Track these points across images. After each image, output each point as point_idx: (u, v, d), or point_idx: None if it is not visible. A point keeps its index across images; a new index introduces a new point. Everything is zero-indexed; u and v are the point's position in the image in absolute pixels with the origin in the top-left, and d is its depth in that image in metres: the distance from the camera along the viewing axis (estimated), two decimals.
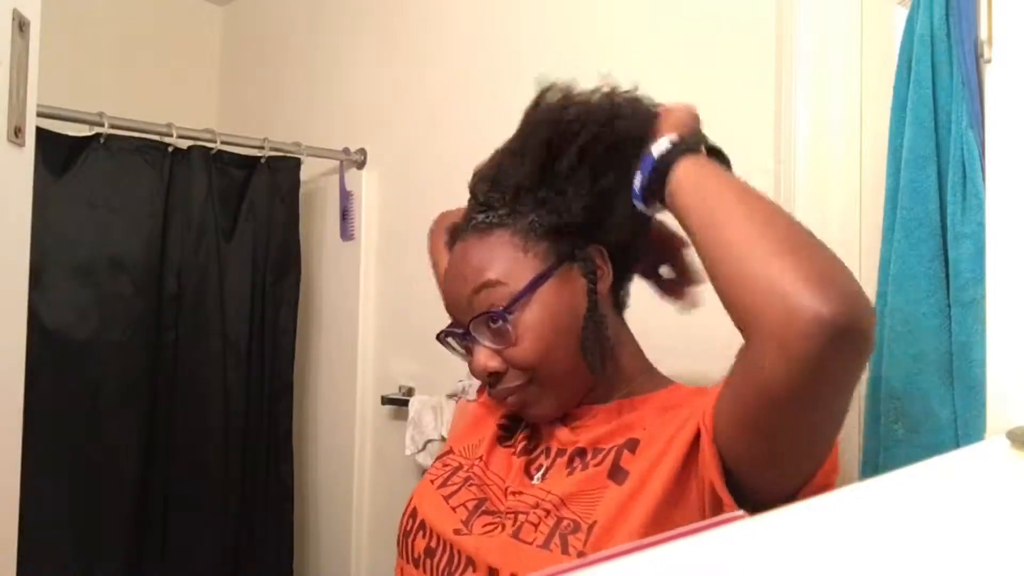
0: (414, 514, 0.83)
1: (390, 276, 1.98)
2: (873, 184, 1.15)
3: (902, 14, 1.05)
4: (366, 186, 2.01)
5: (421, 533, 0.80)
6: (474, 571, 0.73)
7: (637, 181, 0.75)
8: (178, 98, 2.46)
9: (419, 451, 1.72)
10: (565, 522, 0.71)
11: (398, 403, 1.86)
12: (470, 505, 0.79)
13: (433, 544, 0.78)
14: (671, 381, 0.86)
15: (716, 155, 0.75)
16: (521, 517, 0.74)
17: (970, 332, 0.89)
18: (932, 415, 0.93)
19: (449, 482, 0.84)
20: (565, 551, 0.69)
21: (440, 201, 1.08)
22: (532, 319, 0.78)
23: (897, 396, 0.97)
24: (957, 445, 0.90)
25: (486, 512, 0.78)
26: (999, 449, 0.40)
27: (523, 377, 0.80)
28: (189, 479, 1.81)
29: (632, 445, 0.75)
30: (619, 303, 0.88)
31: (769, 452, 0.65)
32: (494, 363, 0.80)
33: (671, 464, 0.70)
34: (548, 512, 0.73)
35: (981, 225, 0.86)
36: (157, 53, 2.47)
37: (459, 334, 0.83)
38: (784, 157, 1.23)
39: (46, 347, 1.59)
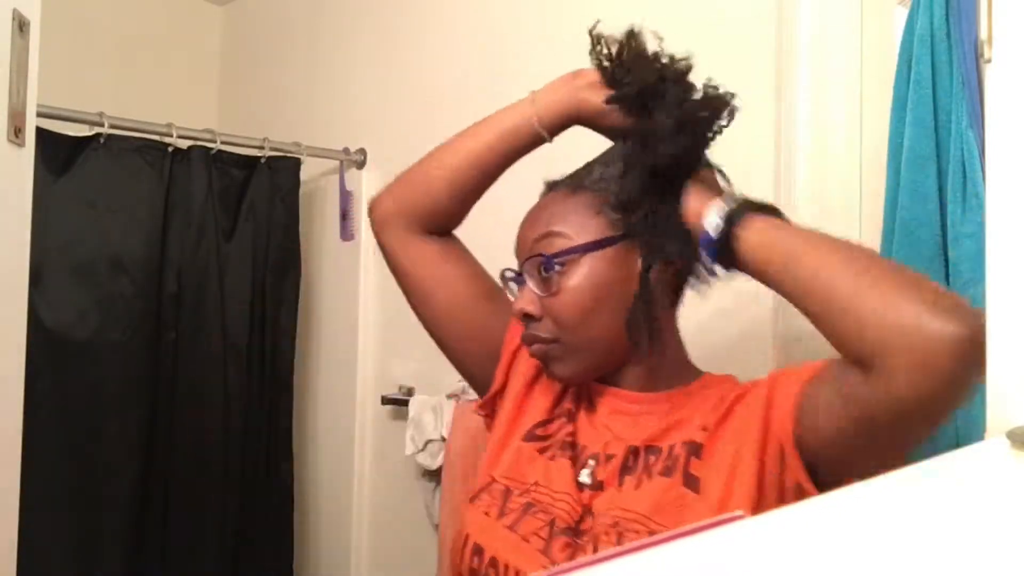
0: (479, 552, 0.79)
1: (390, 276, 1.97)
2: (873, 184, 1.15)
3: (902, 14, 1.05)
4: (366, 186, 2.00)
5: (493, 570, 0.77)
6: None
7: (704, 258, 0.76)
8: (178, 98, 2.46)
9: (419, 451, 1.72)
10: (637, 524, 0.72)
11: (398, 403, 1.86)
12: (543, 533, 0.76)
13: None
14: (699, 370, 0.87)
15: (760, 207, 0.76)
16: (606, 537, 0.73)
17: None
18: None
19: (507, 510, 0.81)
20: None
21: None
22: (578, 278, 0.79)
23: None
24: (957, 445, 0.90)
25: (560, 532, 0.76)
26: (999, 449, 0.40)
27: (554, 331, 0.81)
28: (189, 479, 1.81)
29: (696, 450, 0.75)
30: (676, 298, 0.87)
31: (877, 455, 0.68)
32: (532, 307, 0.81)
33: (749, 471, 0.72)
34: (638, 532, 0.72)
35: (981, 225, 0.86)
36: (157, 53, 2.47)
37: (514, 275, 0.85)
38: (784, 157, 1.23)
39: (46, 347, 1.59)
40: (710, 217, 0.75)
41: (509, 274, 0.87)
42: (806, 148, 1.20)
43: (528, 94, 0.91)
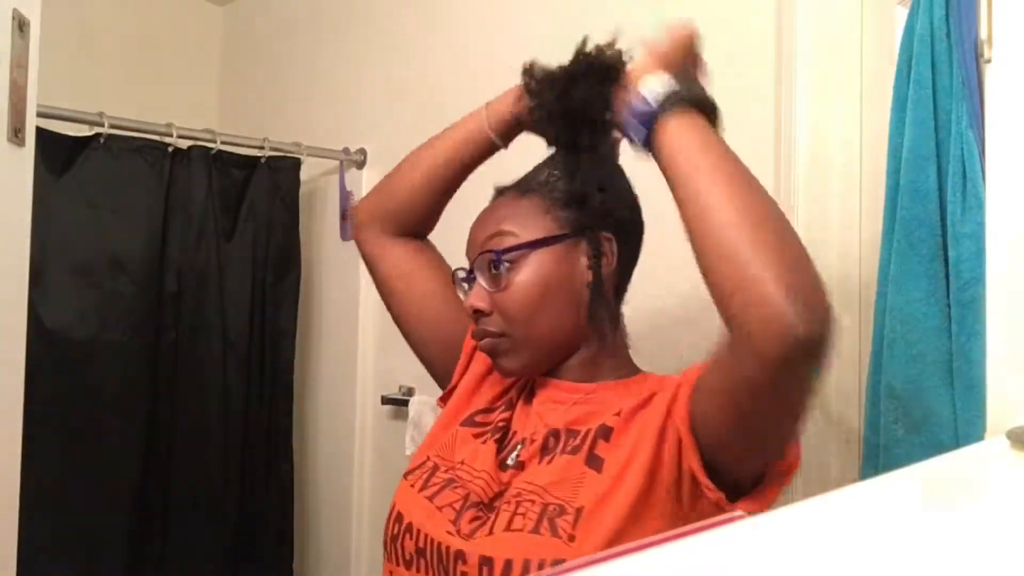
0: (399, 518, 0.85)
1: None
2: (873, 184, 1.15)
3: (902, 14, 1.05)
4: (366, 186, 2.00)
5: (409, 535, 0.83)
6: (464, 564, 0.75)
7: (629, 126, 0.78)
8: (178, 98, 2.46)
9: None
10: (551, 506, 0.75)
11: (398, 403, 1.86)
12: (457, 505, 0.82)
13: (422, 544, 0.81)
14: (640, 370, 0.90)
15: (703, 105, 0.77)
16: (507, 507, 0.77)
17: (970, 332, 0.89)
18: (932, 415, 0.93)
19: (430, 483, 0.87)
20: (555, 534, 0.72)
21: None
22: (526, 274, 0.83)
23: (897, 396, 0.97)
24: (957, 445, 0.90)
25: (472, 506, 0.80)
26: (999, 449, 0.40)
27: (502, 326, 0.84)
28: (189, 479, 1.81)
29: (606, 433, 0.79)
30: (619, 292, 0.90)
31: (742, 432, 0.71)
32: (481, 303, 0.85)
33: (646, 455, 0.74)
34: (533, 501, 0.76)
35: (981, 225, 0.86)
36: (157, 53, 2.47)
37: (465, 274, 0.89)
38: (784, 157, 1.23)
39: (46, 347, 1.59)
40: (650, 85, 0.76)
41: (461, 274, 0.90)
42: (806, 148, 1.20)
43: (483, 105, 0.96)
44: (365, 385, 1.99)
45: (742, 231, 0.65)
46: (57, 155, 1.66)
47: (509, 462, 0.83)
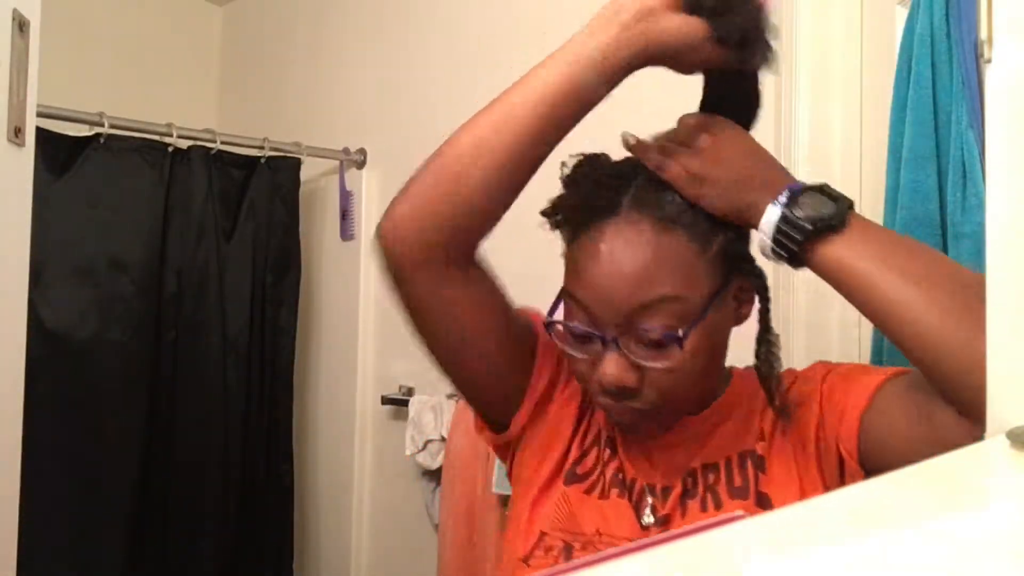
0: None
1: None
2: (873, 184, 1.15)
3: (902, 14, 1.05)
4: (366, 186, 2.00)
5: None
6: None
7: (766, 243, 0.67)
8: (178, 98, 2.46)
9: (419, 451, 1.72)
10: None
11: (398, 403, 1.86)
12: None
13: None
14: (730, 368, 0.80)
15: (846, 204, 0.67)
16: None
17: None
18: None
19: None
20: None
21: None
22: (699, 344, 0.68)
23: None
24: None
25: None
26: (999, 449, 0.40)
27: (656, 402, 0.69)
28: (189, 479, 1.81)
29: (759, 463, 0.71)
30: None
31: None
32: (632, 378, 0.68)
33: (814, 489, 0.68)
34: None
35: (981, 225, 0.86)
36: (157, 53, 2.47)
37: (595, 336, 0.68)
38: (784, 157, 1.23)
39: (46, 347, 1.59)
40: (769, 217, 0.66)
41: (588, 335, 0.69)
42: (806, 148, 1.20)
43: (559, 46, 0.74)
44: (365, 385, 1.99)
45: (958, 327, 0.58)
46: (57, 155, 1.66)
47: (647, 519, 0.73)
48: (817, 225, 0.64)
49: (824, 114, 1.20)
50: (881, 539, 0.30)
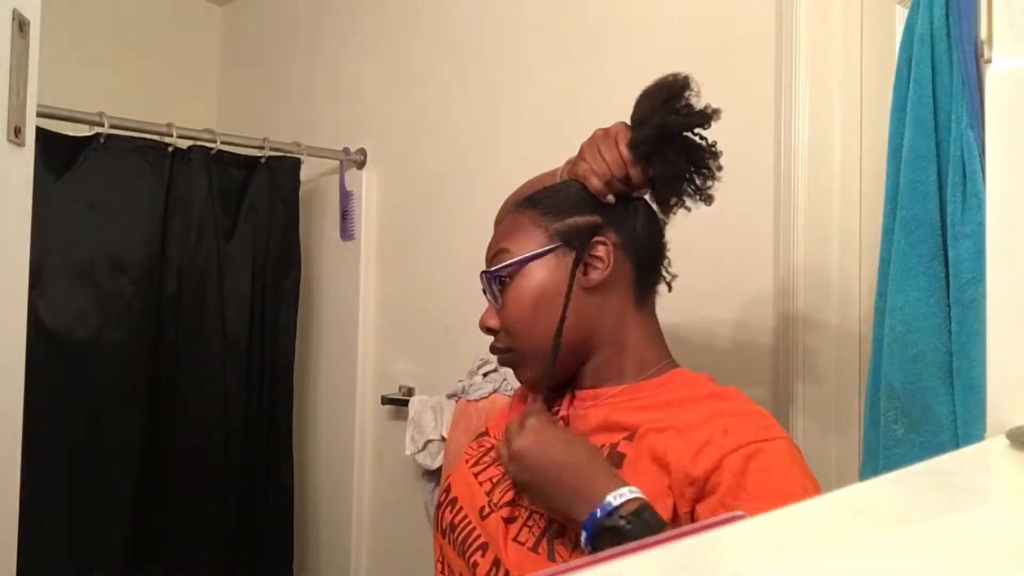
0: (448, 489, 0.89)
1: (390, 276, 1.98)
2: (873, 184, 1.15)
3: (902, 14, 1.05)
4: (366, 186, 2.01)
5: (450, 508, 0.87)
6: (481, 556, 0.78)
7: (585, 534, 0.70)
8: (178, 98, 2.46)
9: (419, 451, 1.72)
10: (555, 525, 0.75)
11: (398, 403, 1.86)
12: (495, 480, 0.84)
13: (457, 520, 0.84)
14: (675, 365, 0.88)
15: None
16: (523, 514, 0.79)
17: (970, 332, 0.89)
18: (932, 415, 0.93)
19: (480, 461, 0.90)
20: (551, 558, 0.73)
21: (440, 201, 1.08)
22: (518, 289, 0.85)
23: (897, 396, 0.97)
24: (957, 445, 0.90)
25: (509, 488, 0.82)
26: (999, 449, 0.40)
27: (506, 341, 0.87)
28: (189, 479, 1.81)
29: (618, 460, 0.77)
30: (641, 294, 0.88)
31: None
32: (492, 321, 0.88)
33: (655, 498, 0.70)
34: (542, 514, 0.77)
35: (981, 225, 0.86)
36: (157, 53, 2.47)
37: (483, 290, 0.90)
38: (784, 157, 1.23)
39: (46, 347, 1.59)
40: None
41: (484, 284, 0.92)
42: (806, 148, 1.20)
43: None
44: (365, 385, 1.99)
45: None
46: (57, 155, 1.66)
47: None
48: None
49: (824, 114, 1.20)
50: (881, 539, 0.30)
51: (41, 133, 1.19)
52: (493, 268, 0.87)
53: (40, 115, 0.98)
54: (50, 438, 1.60)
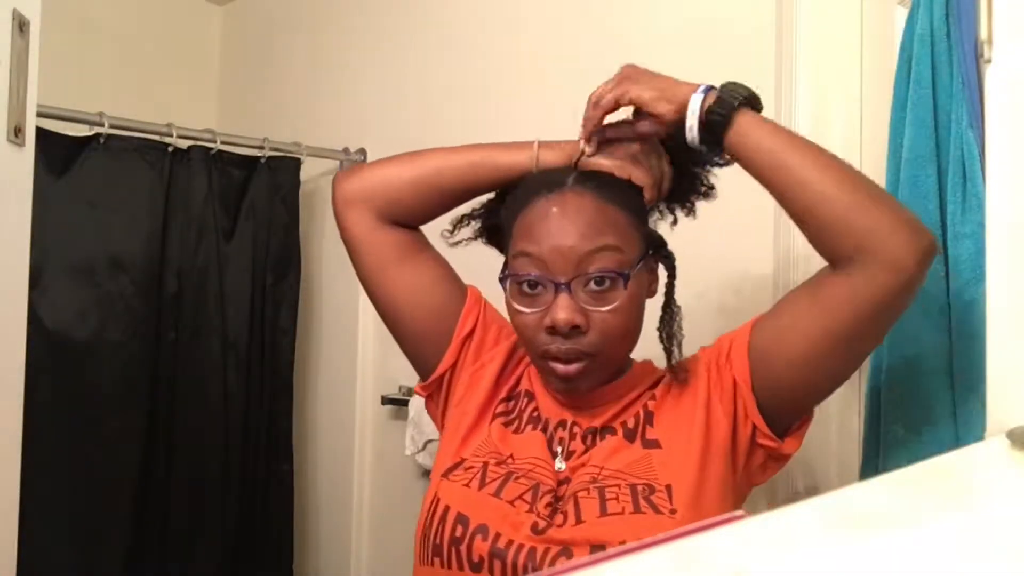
0: (464, 521, 0.82)
1: None
2: None
3: (902, 14, 1.06)
4: None
5: (481, 537, 0.79)
6: (568, 557, 0.75)
7: (694, 128, 0.81)
8: (178, 98, 2.46)
9: (419, 451, 1.72)
10: (640, 486, 0.78)
11: (398, 403, 1.86)
12: (528, 497, 0.81)
13: (502, 545, 0.78)
14: (632, 360, 0.93)
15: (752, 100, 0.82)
16: (586, 494, 0.79)
17: (970, 332, 0.89)
18: (932, 415, 0.93)
19: (487, 479, 0.84)
20: (657, 511, 0.76)
21: None
22: (631, 292, 0.82)
23: (897, 396, 0.97)
24: (957, 445, 0.90)
25: (545, 494, 0.81)
26: (999, 449, 0.40)
27: (597, 346, 0.81)
28: (189, 479, 1.81)
29: (649, 417, 0.84)
30: None
31: (831, 360, 0.80)
32: (580, 318, 0.80)
33: (698, 425, 0.82)
34: (619, 484, 0.79)
35: (981, 225, 0.86)
36: (157, 53, 2.47)
37: (548, 281, 0.81)
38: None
39: (46, 347, 1.59)
40: (695, 105, 0.81)
41: (521, 277, 0.83)
42: None
43: (533, 142, 0.93)
44: (365, 385, 1.99)
45: (847, 190, 0.75)
46: (57, 155, 1.66)
47: (558, 450, 0.86)
48: (742, 100, 0.80)
49: (824, 114, 1.20)
50: (881, 539, 0.30)
51: (41, 133, 1.19)
52: (622, 268, 0.81)
53: (40, 115, 0.98)
54: (50, 438, 1.60)
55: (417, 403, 1.75)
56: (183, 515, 1.80)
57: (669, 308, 0.89)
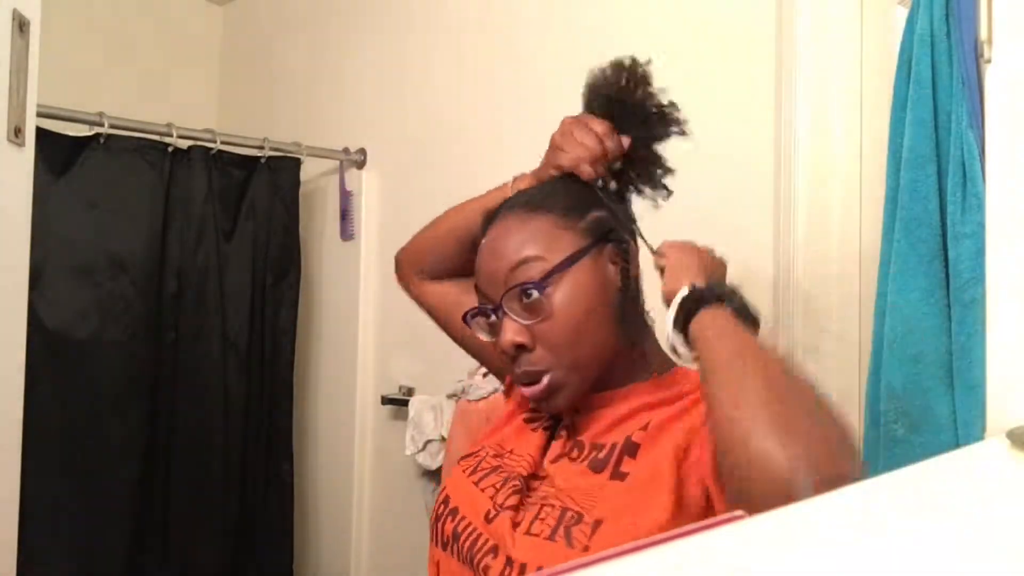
0: (446, 500, 0.86)
1: (390, 276, 1.97)
2: (873, 184, 1.15)
3: (902, 14, 1.05)
4: (366, 186, 2.01)
5: (451, 517, 0.84)
6: (494, 558, 0.76)
7: (669, 322, 0.77)
8: (178, 98, 2.46)
9: (419, 451, 1.72)
10: (570, 514, 0.74)
11: (398, 403, 1.86)
12: (497, 485, 0.82)
13: (460, 528, 0.82)
14: (673, 364, 0.86)
15: (742, 311, 0.75)
16: (533, 507, 0.77)
17: (970, 332, 0.89)
18: (932, 415, 0.93)
19: (479, 468, 0.87)
20: (570, 544, 0.71)
21: (440, 200, 1.09)
22: (565, 295, 0.79)
23: (897, 396, 0.97)
24: (957, 445, 0.90)
25: (512, 480, 0.81)
26: (999, 449, 0.40)
27: (548, 360, 0.79)
28: (189, 479, 1.81)
29: (632, 449, 0.77)
30: (638, 290, 0.88)
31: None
32: (522, 337, 0.79)
33: (670, 477, 0.72)
34: (553, 506, 0.76)
35: (981, 225, 0.86)
36: (157, 53, 2.47)
37: (489, 310, 0.83)
38: (784, 157, 1.23)
39: (46, 347, 1.59)
40: (682, 290, 0.78)
41: (475, 311, 0.85)
42: (806, 148, 1.20)
43: (506, 184, 0.96)
44: (365, 385, 1.99)
45: (743, 415, 0.63)
46: (57, 155, 1.66)
47: (555, 450, 0.84)
48: (705, 295, 0.75)
49: (824, 114, 1.20)
50: (881, 539, 0.30)
51: (41, 133, 1.19)
52: (542, 276, 0.78)
53: (40, 115, 0.98)
54: (50, 438, 1.60)
55: (417, 403, 1.75)
56: (183, 514, 1.80)
57: (626, 292, 0.82)
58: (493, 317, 0.83)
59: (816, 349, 1.20)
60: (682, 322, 0.75)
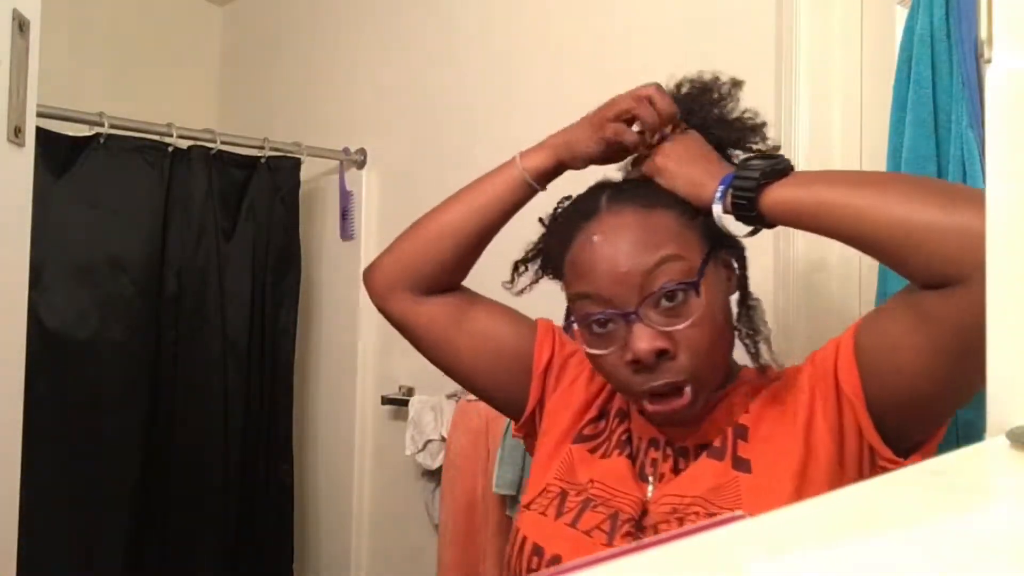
0: (539, 552, 0.77)
1: None
2: None
3: (902, 14, 1.06)
4: (366, 186, 2.01)
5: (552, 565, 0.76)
6: None
7: (720, 209, 0.74)
8: (178, 98, 2.46)
9: (419, 451, 1.72)
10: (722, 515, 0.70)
11: (398, 403, 1.86)
12: (606, 527, 0.75)
13: None
14: (740, 365, 0.85)
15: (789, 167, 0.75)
16: (667, 525, 0.72)
17: None
18: None
19: (565, 509, 0.79)
20: None
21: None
22: (706, 297, 0.73)
23: None
24: (957, 445, 0.90)
25: (624, 524, 0.74)
26: (999, 449, 0.40)
27: (688, 367, 0.73)
28: (189, 479, 1.81)
29: (742, 432, 0.75)
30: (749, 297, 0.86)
31: (947, 388, 0.68)
32: (664, 343, 0.72)
33: (796, 445, 0.72)
34: (698, 513, 0.72)
35: None
36: (157, 53, 2.47)
37: (617, 316, 0.73)
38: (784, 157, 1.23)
39: (46, 347, 1.59)
40: (717, 211, 0.74)
41: (588, 317, 0.76)
42: (806, 148, 1.20)
43: (514, 157, 0.92)
44: (365, 385, 1.99)
45: (896, 212, 0.65)
46: (57, 155, 1.66)
47: (649, 474, 0.79)
48: (764, 172, 0.72)
49: (824, 114, 1.20)
50: (881, 539, 0.30)
51: (41, 133, 1.19)
52: (691, 278, 0.72)
53: (40, 115, 0.98)
54: (50, 438, 1.60)
55: (417, 403, 1.75)
56: (183, 514, 1.80)
57: (745, 303, 0.80)
58: (613, 325, 0.74)
59: (815, 348, 1.19)
60: (747, 207, 0.72)
